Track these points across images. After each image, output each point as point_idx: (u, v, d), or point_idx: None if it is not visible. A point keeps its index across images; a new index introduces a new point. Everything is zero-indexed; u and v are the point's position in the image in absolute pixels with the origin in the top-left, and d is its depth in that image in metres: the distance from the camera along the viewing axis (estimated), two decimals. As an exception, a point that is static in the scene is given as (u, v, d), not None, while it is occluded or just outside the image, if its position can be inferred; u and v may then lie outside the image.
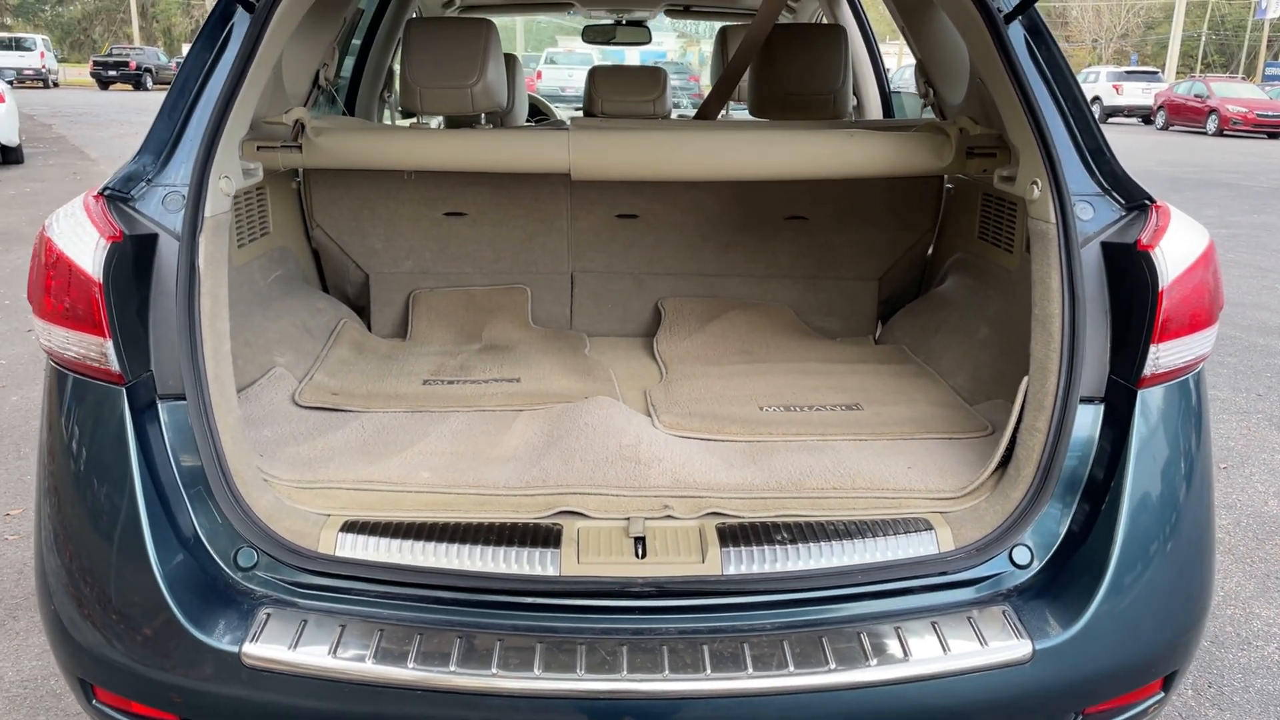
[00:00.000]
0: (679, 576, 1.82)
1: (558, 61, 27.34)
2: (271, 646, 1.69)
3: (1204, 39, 55.98)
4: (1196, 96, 29.94)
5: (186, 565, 1.81)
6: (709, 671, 1.65)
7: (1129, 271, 1.91)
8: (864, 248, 3.31)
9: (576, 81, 23.60)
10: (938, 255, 3.35)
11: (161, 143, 2.02)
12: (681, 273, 3.33)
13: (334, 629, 1.73)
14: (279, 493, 2.00)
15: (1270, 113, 28.33)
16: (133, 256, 1.87)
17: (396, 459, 2.16)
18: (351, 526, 1.91)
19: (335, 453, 2.21)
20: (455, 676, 1.64)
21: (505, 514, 1.99)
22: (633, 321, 3.34)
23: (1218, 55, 57.64)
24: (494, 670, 1.64)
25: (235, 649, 1.70)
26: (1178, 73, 43.13)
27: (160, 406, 1.89)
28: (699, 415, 2.44)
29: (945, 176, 3.24)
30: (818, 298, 3.34)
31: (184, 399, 1.88)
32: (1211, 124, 28.81)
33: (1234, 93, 29.84)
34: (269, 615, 1.76)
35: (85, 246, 1.83)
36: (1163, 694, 1.93)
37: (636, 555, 1.86)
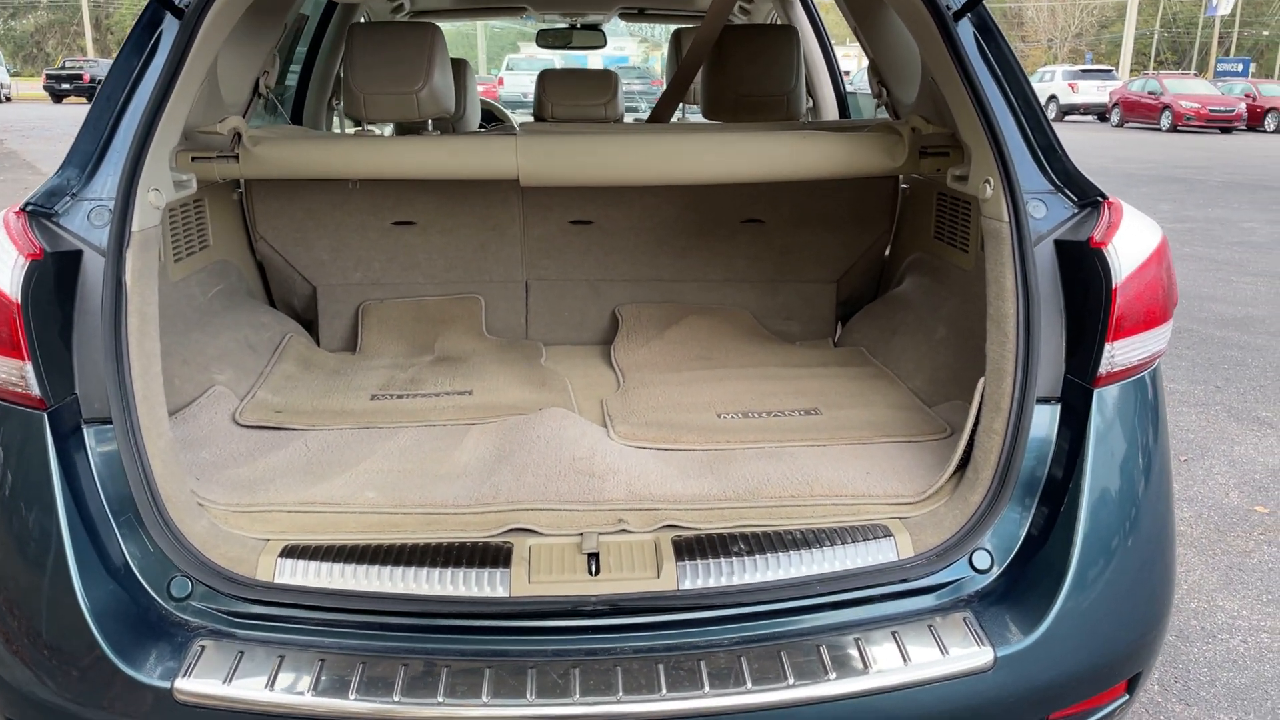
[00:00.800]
0: (633, 593, 1.76)
1: (519, 68, 27.25)
2: (205, 681, 1.61)
3: (1156, 37, 56.96)
4: (1150, 93, 30.43)
5: (116, 597, 1.73)
6: (664, 692, 1.59)
7: (1082, 269, 1.89)
8: (821, 250, 3.27)
9: None
10: (894, 256, 3.32)
11: (86, 155, 1.94)
12: (638, 279, 3.28)
13: (272, 660, 1.66)
14: (215, 518, 1.92)
15: (1222, 108, 28.85)
16: (55, 274, 1.79)
17: (340, 479, 2.09)
18: (291, 551, 1.84)
19: (276, 474, 2.13)
20: (399, 707, 1.58)
21: (453, 533, 1.92)
22: (589, 329, 3.28)
23: (1170, 52, 58.67)
24: (440, 699, 1.58)
25: (167, 684, 1.62)
26: (1131, 70, 43.83)
27: (86, 431, 1.80)
28: (655, 424, 2.39)
29: (901, 177, 3.22)
30: (776, 301, 3.30)
31: (111, 423, 1.80)
32: (1165, 120, 29.29)
33: (1187, 89, 30.36)
34: (204, 647, 1.69)
35: (3, 265, 1.74)
36: (1128, 696, 1.90)
37: (590, 572, 1.81)
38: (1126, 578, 1.84)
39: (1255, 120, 29.65)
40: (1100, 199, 1.96)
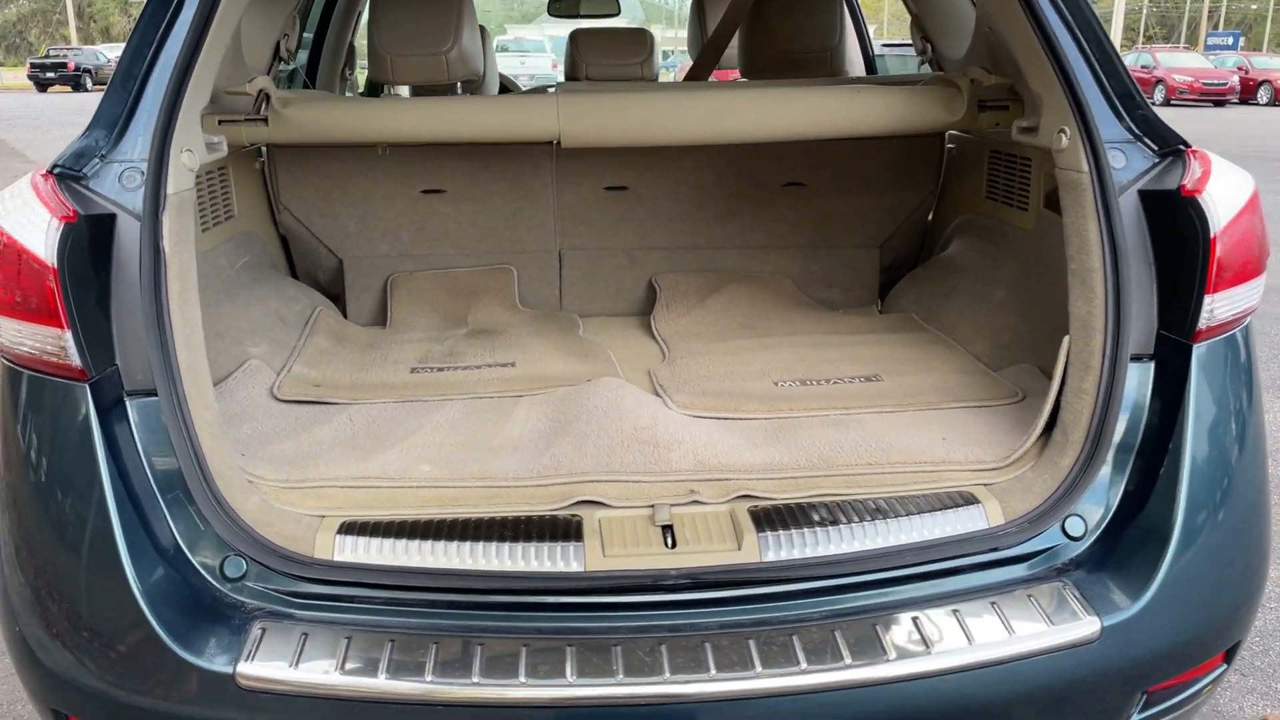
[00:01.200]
0: (715, 566, 1.66)
1: (509, 49, 27.01)
2: (269, 665, 1.52)
3: (1145, 12, 56.78)
4: (1143, 67, 30.26)
5: (168, 578, 1.63)
6: (760, 669, 1.50)
7: (1174, 220, 1.79)
8: (865, 214, 3.17)
9: (529, 68, 23.33)
10: (939, 219, 3.22)
11: (114, 115, 1.82)
12: (675, 246, 3.17)
13: (338, 641, 1.56)
14: (265, 494, 1.82)
15: (1216, 81, 28.75)
16: (90, 239, 1.68)
17: (392, 453, 1.99)
18: (349, 528, 1.73)
19: (324, 449, 2.02)
20: (479, 688, 1.48)
21: (517, 507, 1.82)
22: (625, 300, 3.17)
23: (1159, 27, 58.52)
24: (522, 678, 1.48)
25: (229, 669, 1.52)
26: (1121, 45, 43.67)
27: (129, 404, 1.69)
28: (712, 393, 2.29)
29: (946, 136, 3.12)
30: (818, 268, 3.20)
31: (155, 394, 1.69)
32: (1159, 94, 29.16)
33: (1179, 63, 30.24)
34: (264, 630, 1.59)
35: (36, 229, 1.63)
36: (1225, 666, 1.82)
37: (666, 545, 1.71)
38: (1228, 542, 1.75)
39: (1248, 93, 29.55)
40: (1183, 147, 1.87)
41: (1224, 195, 1.77)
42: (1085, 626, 1.60)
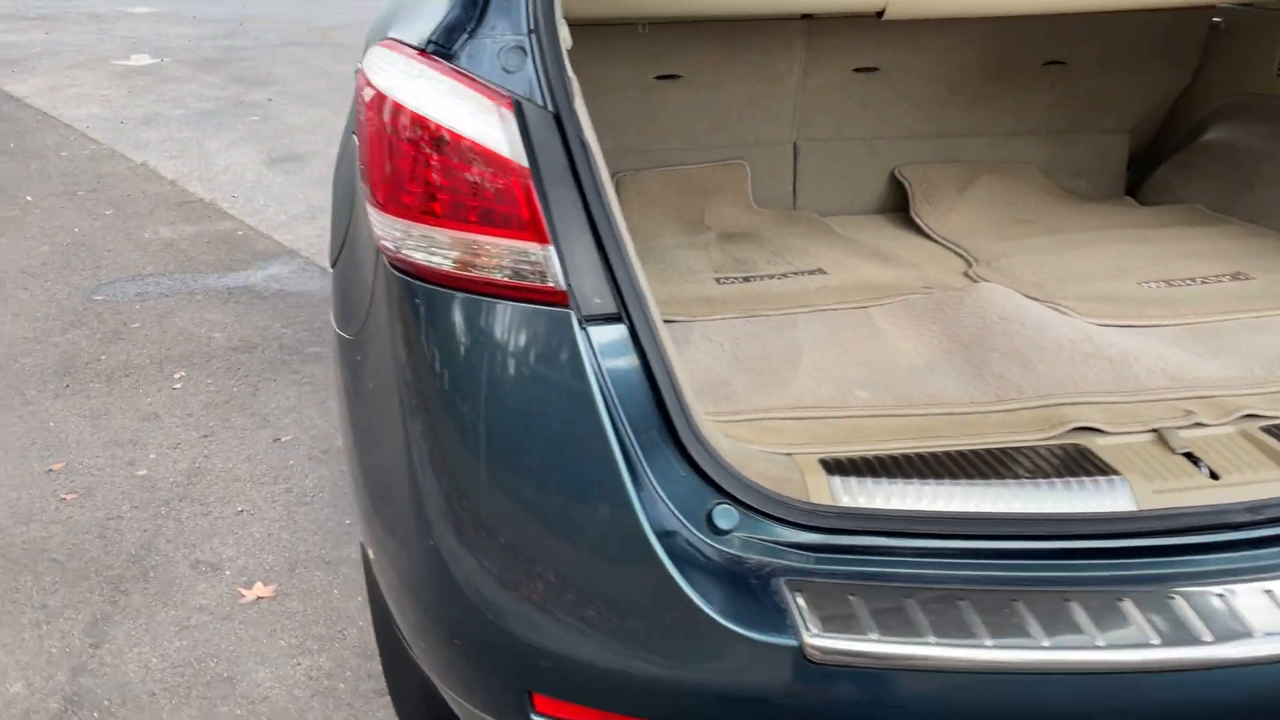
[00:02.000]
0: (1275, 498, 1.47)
1: None
2: (844, 635, 1.29)
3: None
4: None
5: (671, 535, 1.38)
6: None
7: None
8: (1121, 95, 2.93)
9: None
10: (1190, 101, 2.99)
11: None
12: (916, 135, 2.90)
13: (898, 602, 1.34)
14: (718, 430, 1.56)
15: None
16: (522, 133, 1.36)
17: (805, 376, 1.74)
18: (834, 467, 1.50)
19: (719, 375, 1.77)
20: (1107, 652, 1.28)
21: (999, 436, 1.60)
22: (864, 196, 2.91)
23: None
24: (1152, 640, 1.28)
25: (791, 641, 1.29)
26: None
27: (590, 332, 1.41)
28: (1094, 299, 2.07)
29: (1215, 8, 2.87)
30: (1067, 155, 2.96)
31: (618, 320, 1.41)
32: None
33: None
34: (800, 592, 1.35)
35: (485, 120, 1.32)
36: None
37: (1208, 475, 1.51)
38: None
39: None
40: None
41: None
42: None
